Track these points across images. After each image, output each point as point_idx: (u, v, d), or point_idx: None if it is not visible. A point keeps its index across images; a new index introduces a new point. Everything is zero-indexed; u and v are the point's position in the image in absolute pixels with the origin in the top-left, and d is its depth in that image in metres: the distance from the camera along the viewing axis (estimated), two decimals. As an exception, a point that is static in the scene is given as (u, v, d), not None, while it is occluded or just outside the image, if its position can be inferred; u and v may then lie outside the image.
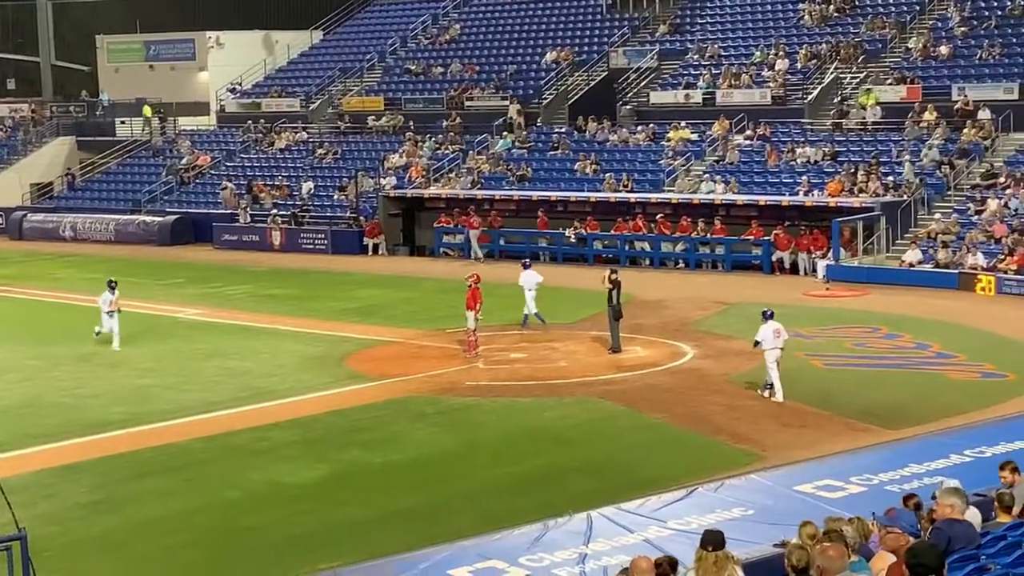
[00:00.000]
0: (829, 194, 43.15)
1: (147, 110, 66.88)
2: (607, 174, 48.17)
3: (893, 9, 52.43)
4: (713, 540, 11.34)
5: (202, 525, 19.31)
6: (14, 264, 49.65)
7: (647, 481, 19.34)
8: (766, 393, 25.52)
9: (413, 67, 62.12)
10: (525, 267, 33.67)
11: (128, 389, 28.18)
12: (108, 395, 27.63)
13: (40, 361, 31.12)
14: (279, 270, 46.79)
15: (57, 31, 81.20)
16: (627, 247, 45.38)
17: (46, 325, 36.87)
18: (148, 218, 56.70)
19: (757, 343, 25.69)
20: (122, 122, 67.32)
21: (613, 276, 30.60)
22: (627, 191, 46.94)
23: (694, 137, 49.47)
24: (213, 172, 59.68)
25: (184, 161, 60.95)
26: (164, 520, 19.55)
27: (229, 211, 55.03)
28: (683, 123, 50.10)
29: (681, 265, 44.09)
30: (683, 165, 47.79)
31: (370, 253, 49.90)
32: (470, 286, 30.75)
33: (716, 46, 54.10)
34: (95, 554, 18.02)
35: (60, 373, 29.89)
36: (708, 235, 43.76)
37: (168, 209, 57.41)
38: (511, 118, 54.51)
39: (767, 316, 25.79)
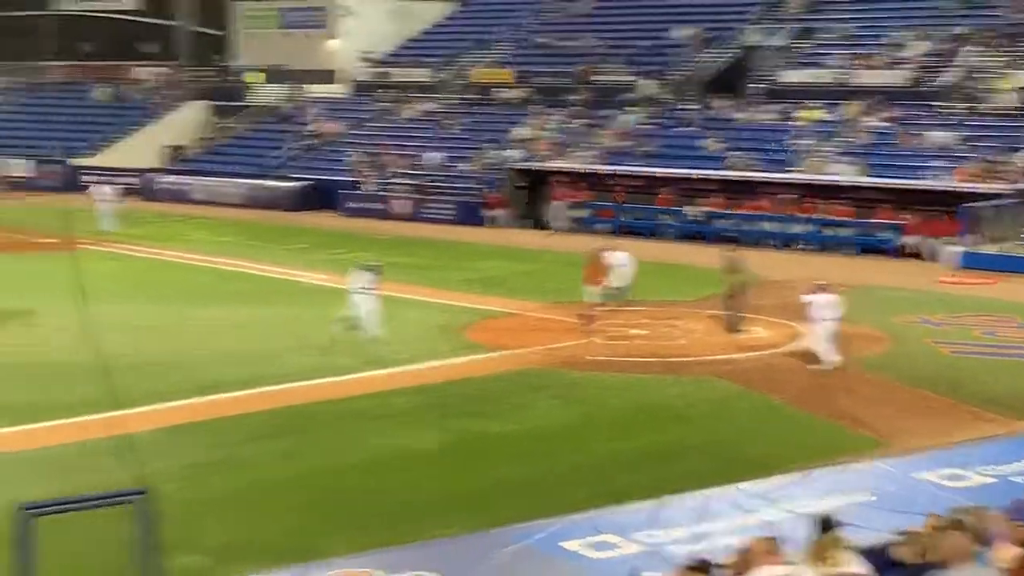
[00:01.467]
0: (960, 179, 42.29)
1: (251, 76, 67.88)
2: (734, 152, 47.70)
3: (1035, -8, 51.16)
4: (822, 523, 11.21)
5: (319, 488, 19.49)
6: (147, 224, 50.53)
7: (764, 462, 19.10)
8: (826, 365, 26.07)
9: (545, 39, 62.00)
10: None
11: (253, 350, 28.55)
12: (233, 356, 28.02)
13: (169, 320, 31.66)
14: (403, 239, 47.06)
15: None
16: (751, 227, 44.91)
17: (174, 285, 37.48)
18: (277, 183, 57.37)
19: (813, 314, 26.48)
20: (254, 87, 68.13)
21: (731, 254, 30.43)
22: (754, 170, 46.43)
23: (825, 117, 48.74)
24: (342, 140, 60.16)
25: (313, 128, 61.54)
26: (283, 481, 19.78)
27: (355, 178, 55.44)
28: (813, 103, 49.37)
29: (806, 246, 43.53)
30: (812, 145, 47.11)
31: (493, 224, 49.99)
32: (591, 260, 30.67)
33: (851, 25, 53.21)
34: (214, 512, 18.27)
35: (187, 332, 30.37)
36: (836, 216, 43.15)
37: (296, 175, 58.02)
38: (641, 93, 54.17)
39: (820, 289, 26.70)
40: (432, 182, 53.59)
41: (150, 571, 12.76)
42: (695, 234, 45.27)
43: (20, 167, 65.45)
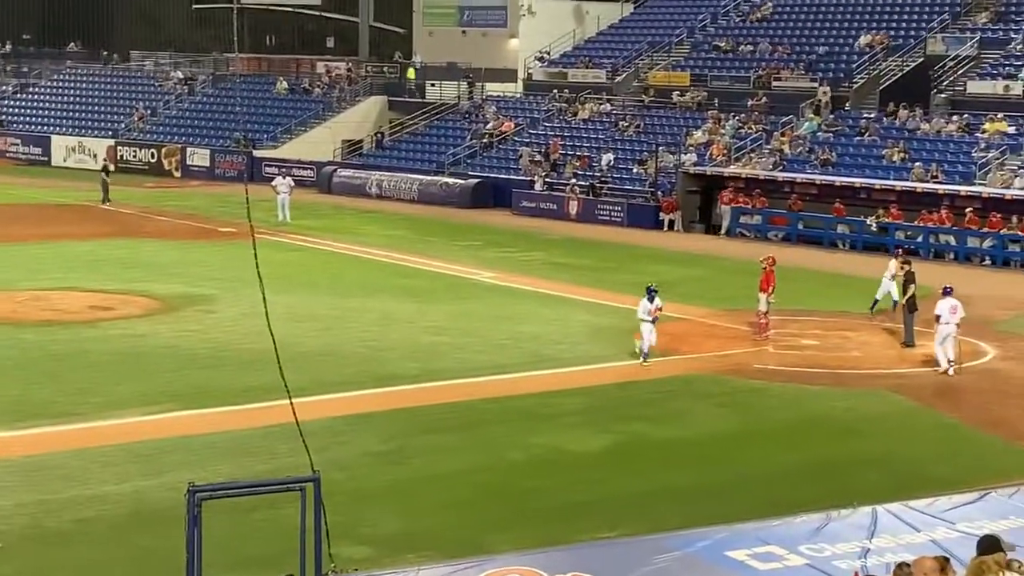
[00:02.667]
0: None
1: (411, 73, 68.64)
2: (915, 163, 46.78)
3: None
4: (986, 545, 10.94)
5: (484, 484, 19.65)
6: (322, 217, 51.47)
7: (937, 480, 18.72)
8: (941, 368, 26.73)
9: (722, 44, 61.60)
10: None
11: (421, 345, 28.89)
12: (402, 349, 28.39)
13: (340, 312, 32.22)
14: (574, 239, 47.14)
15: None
16: (930, 239, 44.00)
17: (347, 278, 38.11)
18: (450, 180, 57.92)
19: (937, 317, 26.82)
20: (432, 84, 68.89)
21: (906, 267, 29.93)
22: (935, 182, 45.48)
23: (1011, 130, 47.49)
24: (516, 138, 60.51)
25: (489, 126, 62.01)
26: (448, 476, 19.98)
27: (529, 177, 55.71)
28: (1000, 115, 48.14)
29: (988, 262, 42.50)
30: (997, 158, 45.96)
31: (665, 228, 49.84)
32: (764, 268, 30.39)
33: (1041, 36, 51.84)
34: (380, 502, 18.55)
35: (358, 325, 30.86)
36: (1020, 232, 42.03)
37: (470, 172, 58.51)
38: (819, 100, 53.45)
39: (946, 292, 27.27)
40: (604, 183, 53.56)
41: (317, 558, 13.00)
42: (872, 245, 44.48)
43: (203, 156, 67.17)
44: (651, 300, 27.37)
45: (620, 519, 17.52)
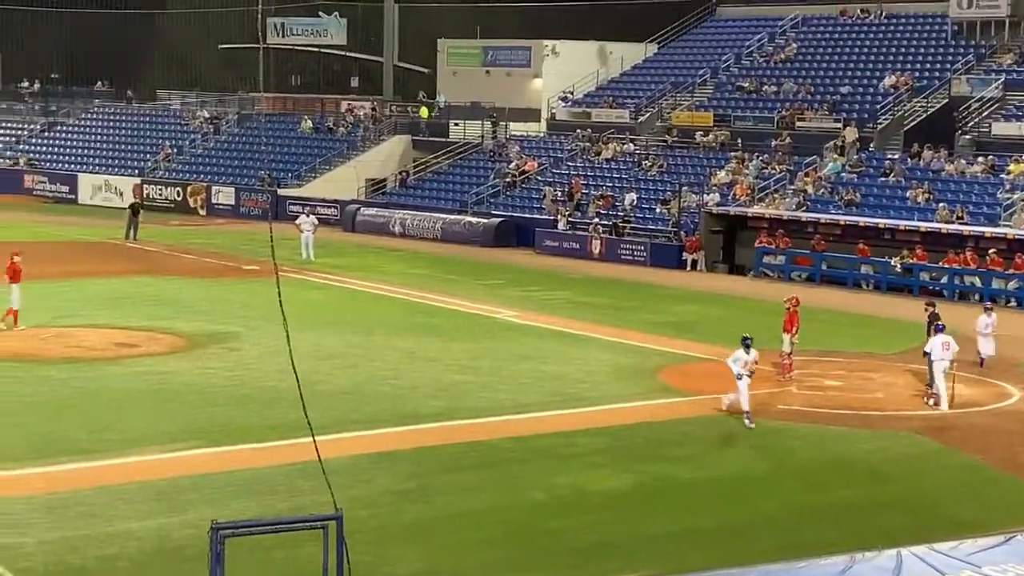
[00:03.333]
0: None
1: (423, 111, 69.00)
2: (940, 204, 46.69)
3: None
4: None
5: (507, 523, 19.59)
6: (346, 255, 51.61)
7: (962, 523, 18.59)
8: (931, 402, 27.25)
9: (746, 84, 61.72)
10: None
11: (444, 383, 28.88)
12: (425, 388, 28.38)
13: (364, 350, 32.24)
14: (596, 279, 47.13)
15: (401, 33, 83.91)
16: (955, 280, 43.85)
17: (371, 316, 38.15)
18: (474, 219, 58.04)
19: (926, 353, 27.68)
20: (456, 124, 69.11)
21: (930, 308, 29.89)
22: (960, 223, 45.37)
23: (1035, 171, 47.43)
24: (540, 178, 60.62)
25: (512, 165, 62.16)
26: (471, 515, 19.94)
27: (552, 216, 55.77)
28: (1024, 156, 48.14)
29: (1013, 304, 42.31)
30: (1023, 199, 45.83)
31: (688, 268, 49.82)
32: (788, 309, 30.33)
33: (1066, 77, 51.82)
34: (403, 541, 18.51)
35: (381, 363, 30.87)
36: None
37: (493, 212, 58.63)
38: (844, 140, 53.46)
39: (939, 329, 27.92)
40: (627, 223, 53.58)
41: (340, 596, 12.97)
42: (896, 286, 44.36)
43: (228, 194, 67.48)
44: (747, 351, 25.60)
45: (643, 560, 17.46)
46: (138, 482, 21.20)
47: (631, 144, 60.88)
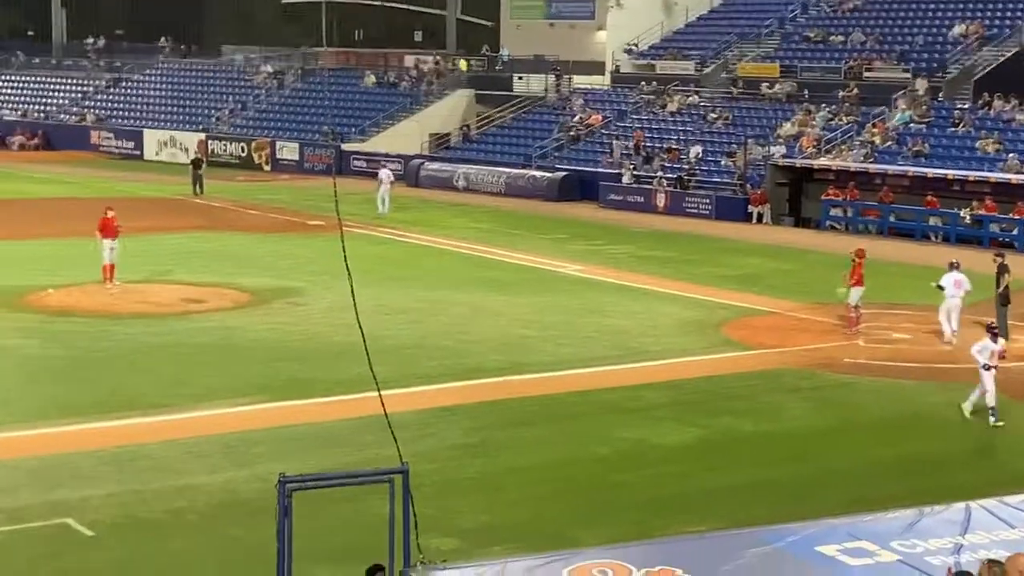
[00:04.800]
0: None
1: (463, 64, 68.87)
2: (1010, 154, 46.09)
3: None
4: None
5: (571, 477, 19.66)
6: (410, 210, 51.67)
7: (1033, 477, 18.44)
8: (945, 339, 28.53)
9: (812, 35, 61.04)
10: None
11: (509, 338, 28.96)
12: (489, 342, 28.47)
13: (428, 304, 32.35)
14: (661, 232, 46.97)
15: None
16: (1028, 232, 43.35)
17: (435, 270, 38.25)
18: (538, 173, 57.92)
19: (940, 287, 28.70)
20: (519, 78, 68.87)
21: (1000, 259, 29.57)
22: (1031, 173, 44.79)
23: (1109, 120, 46.69)
24: (604, 131, 60.37)
25: (576, 119, 61.93)
26: (534, 469, 20.04)
27: (616, 170, 55.56)
28: (1098, 105, 47.36)
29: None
30: (1095, 149, 45.18)
31: (753, 221, 49.51)
32: (854, 261, 30.11)
33: None
34: (467, 495, 18.63)
35: (446, 317, 30.99)
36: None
37: (558, 166, 58.48)
38: (914, 90, 52.81)
39: (953, 266, 29.03)
40: (693, 176, 53.29)
41: (405, 549, 13.06)
42: (965, 238, 43.87)
43: (292, 150, 67.74)
44: (995, 340, 23.54)
45: (708, 513, 17.46)
46: (206, 436, 21.46)
47: (696, 96, 60.42)
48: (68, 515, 17.68)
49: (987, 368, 22.79)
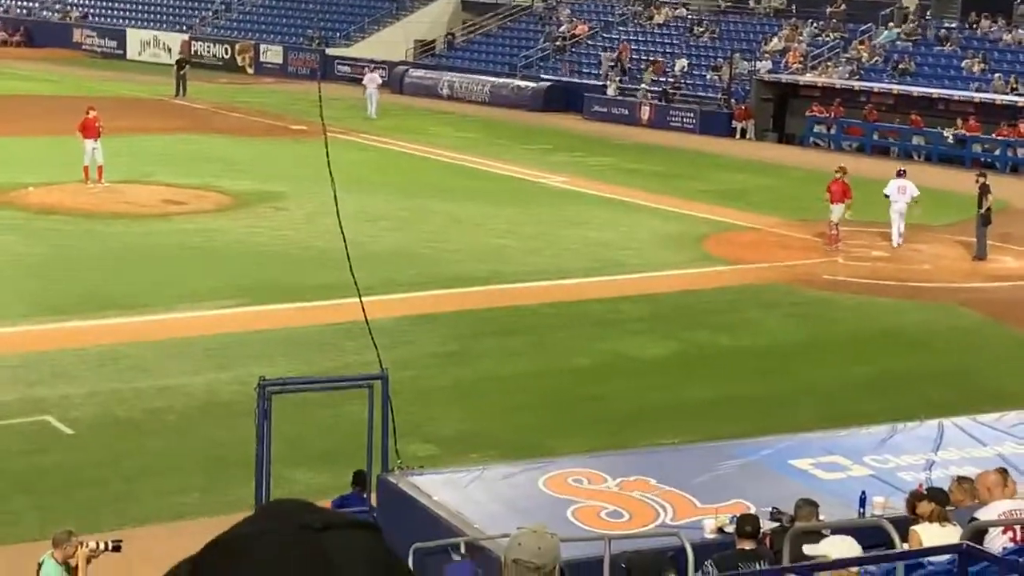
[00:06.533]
0: None
1: None
2: (996, 75, 45.99)
3: None
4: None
5: (547, 387, 19.76)
6: (393, 117, 51.40)
7: (1007, 395, 18.58)
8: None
9: (801, -51, 60.53)
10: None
11: (488, 248, 28.97)
12: (469, 252, 28.48)
13: (410, 212, 32.32)
14: (645, 145, 46.84)
15: None
16: (1008, 153, 43.34)
17: (418, 178, 38.12)
18: (522, 83, 57.59)
19: (886, 196, 29.88)
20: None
21: (982, 179, 29.64)
22: (1015, 94, 44.70)
23: (1096, 43, 46.55)
24: (590, 42, 59.95)
25: (562, 29, 61.47)
26: (511, 379, 20.14)
27: (601, 82, 55.26)
28: (1085, 27, 47.20)
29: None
30: (1080, 72, 45.09)
31: (737, 136, 49.40)
32: (835, 178, 30.14)
33: None
34: (445, 402, 18.73)
35: (427, 225, 30.97)
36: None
37: (542, 76, 58.13)
38: (901, 8, 52.52)
39: (899, 174, 30.50)
40: (677, 90, 53.07)
41: (383, 454, 13.17)
42: (948, 157, 43.88)
43: (276, 53, 67.17)
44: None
45: (682, 426, 17.60)
46: (186, 338, 21.52)
47: (683, 9, 59.93)
48: (48, 412, 17.77)
49: None
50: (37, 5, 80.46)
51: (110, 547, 11.33)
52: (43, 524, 13.39)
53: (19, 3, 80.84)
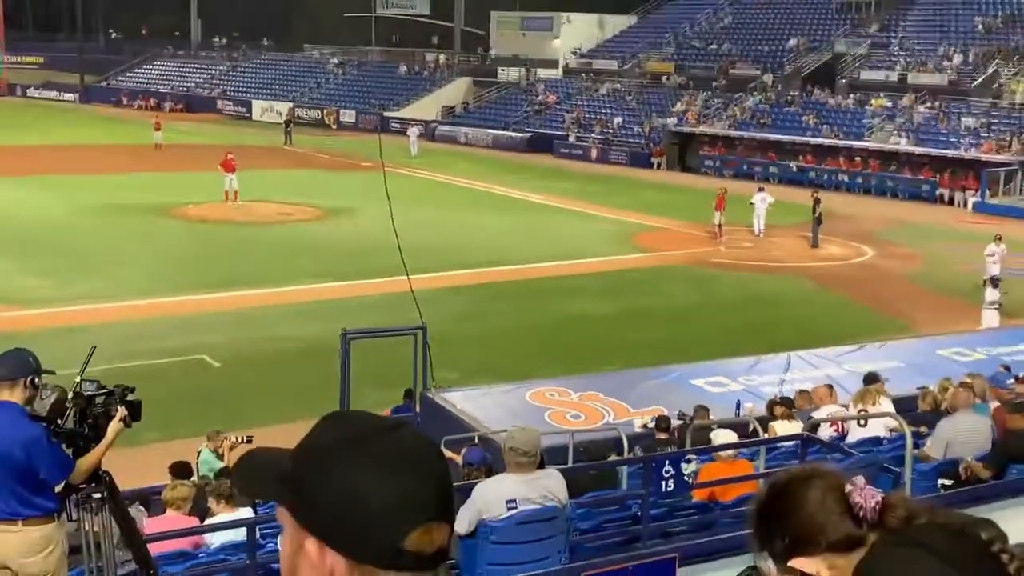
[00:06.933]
0: (983, 151, 39.92)
1: (441, 56, 67.64)
2: (825, 126, 45.85)
3: (1052, 21, 47.35)
4: (870, 378, 10.90)
5: (533, 334, 19.79)
6: (428, 156, 50.86)
7: (831, 337, 18.59)
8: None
9: (697, 44, 60.17)
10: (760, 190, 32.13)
11: (492, 242, 28.89)
12: (480, 245, 28.42)
13: (439, 219, 32.00)
14: (593, 175, 46.61)
15: (466, 6, 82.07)
16: (833, 178, 43.20)
17: (444, 197, 37.95)
18: (513, 133, 57.27)
19: (752, 204, 30.05)
20: (502, 70, 67.78)
21: (815, 195, 29.66)
22: (837, 139, 44.58)
23: (889, 105, 46.35)
24: (558, 107, 59.63)
25: (539, 98, 61.12)
26: (509, 329, 20.15)
27: (564, 133, 54.99)
28: (882, 94, 46.97)
29: (872, 193, 41.72)
30: (879, 124, 44.93)
31: (655, 168, 49.18)
32: (719, 195, 30.10)
33: (912, 41, 50.32)
34: (466, 346, 18.69)
35: (451, 227, 30.83)
36: (889, 174, 41.15)
37: (526, 128, 57.84)
38: (762, 83, 52.33)
39: (760, 189, 31.14)
40: (615, 137, 52.85)
41: (424, 379, 13.16)
42: (793, 180, 43.74)
43: (350, 115, 66.78)
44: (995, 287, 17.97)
45: (621, 359, 17.59)
46: (292, 304, 21.47)
47: (619, 84, 59.65)
48: (203, 352, 17.75)
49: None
50: (193, 84, 79.98)
51: (245, 440, 11.34)
52: (199, 426, 13.39)
53: (181, 84, 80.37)
